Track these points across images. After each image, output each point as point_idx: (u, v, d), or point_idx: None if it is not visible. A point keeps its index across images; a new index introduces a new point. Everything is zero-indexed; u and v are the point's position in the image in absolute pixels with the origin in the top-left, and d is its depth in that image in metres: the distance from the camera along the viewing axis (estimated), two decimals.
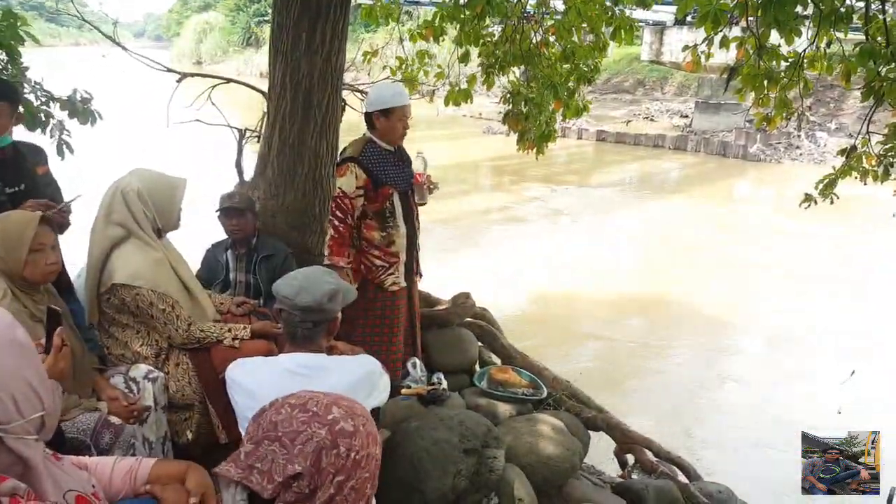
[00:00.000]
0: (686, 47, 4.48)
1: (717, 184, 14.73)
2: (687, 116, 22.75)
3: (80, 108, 3.99)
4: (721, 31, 3.65)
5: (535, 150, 4.80)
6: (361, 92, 4.48)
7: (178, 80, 3.79)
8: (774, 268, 8.65)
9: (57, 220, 2.70)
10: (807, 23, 3.44)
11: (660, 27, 20.32)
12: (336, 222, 3.07)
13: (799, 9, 2.96)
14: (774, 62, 3.61)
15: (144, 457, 2.14)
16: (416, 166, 3.22)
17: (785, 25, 3.00)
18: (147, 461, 1.61)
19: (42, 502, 1.10)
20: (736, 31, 4.04)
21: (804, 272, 8.52)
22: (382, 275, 3.20)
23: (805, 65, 3.70)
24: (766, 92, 3.81)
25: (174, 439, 2.43)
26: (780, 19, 2.89)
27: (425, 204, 3.42)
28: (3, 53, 3.70)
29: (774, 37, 3.41)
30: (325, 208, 3.63)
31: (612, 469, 3.70)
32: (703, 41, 4.07)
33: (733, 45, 3.94)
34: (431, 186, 3.32)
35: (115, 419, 2.09)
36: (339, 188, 3.05)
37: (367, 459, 1.00)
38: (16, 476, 1.08)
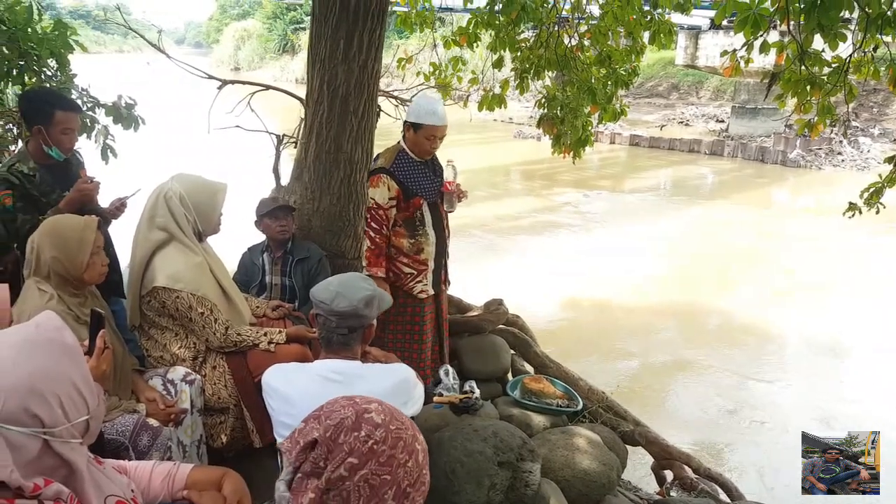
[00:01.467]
0: (725, 52, 4.39)
1: (755, 190, 14.39)
2: (723, 121, 22.36)
3: (125, 114, 4.10)
4: (761, 35, 3.57)
5: (571, 154, 4.76)
6: (396, 98, 4.50)
7: (220, 87, 3.86)
8: (817, 278, 8.40)
9: (115, 214, 2.80)
10: (851, 27, 3.34)
11: (695, 31, 19.99)
12: (372, 234, 3.08)
13: (844, 13, 2.87)
14: (817, 67, 3.51)
15: (179, 459, 2.18)
16: (447, 174, 3.24)
17: (829, 31, 2.92)
18: (185, 467, 1.63)
19: None
20: (774, 36, 3.95)
21: (849, 283, 8.25)
22: (411, 282, 3.22)
23: (850, 70, 3.59)
24: (808, 98, 3.71)
25: (209, 442, 2.46)
26: (825, 24, 2.81)
27: (453, 212, 3.45)
28: (54, 61, 3.84)
29: (817, 42, 3.32)
30: (359, 213, 3.66)
31: (649, 486, 3.62)
32: (742, 46, 3.98)
33: (773, 50, 3.84)
34: (460, 195, 3.35)
35: (153, 421, 2.12)
36: (373, 199, 3.06)
37: (389, 460, 0.98)
38: (60, 479, 1.10)
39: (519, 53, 4.64)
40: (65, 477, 1.11)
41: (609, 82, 4.60)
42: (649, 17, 4.38)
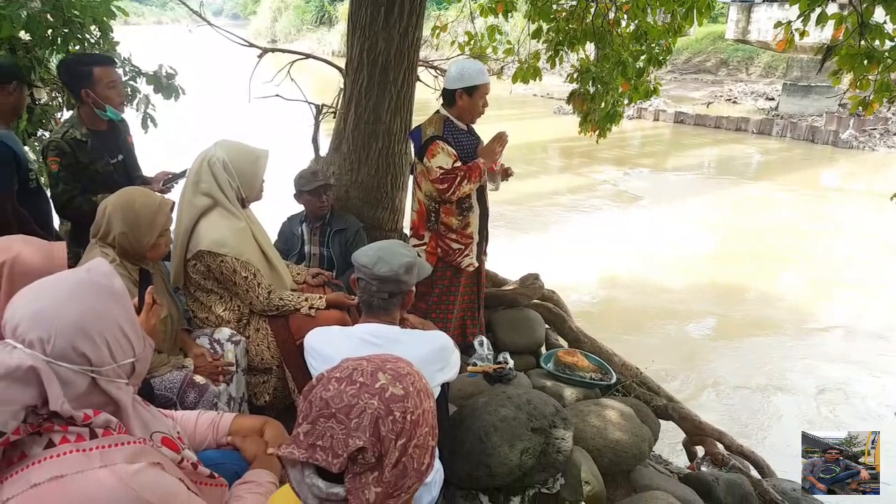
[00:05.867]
0: (779, 24, 4.23)
1: (803, 171, 13.93)
2: (773, 99, 21.62)
3: (165, 84, 4.17)
4: (818, 6, 3.42)
5: (597, 132, 4.67)
6: (436, 69, 4.47)
7: (260, 56, 3.90)
8: (863, 263, 8.14)
9: (162, 190, 2.91)
10: None
11: (747, 4, 19.25)
12: (457, 181, 3.00)
13: None
14: (878, 41, 3.35)
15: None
16: None
17: (892, 1, 2.79)
18: (228, 415, 1.71)
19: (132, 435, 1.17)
20: (833, 8, 3.78)
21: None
22: (459, 257, 3.22)
23: None
24: (865, 73, 3.56)
25: (252, 400, 2.55)
26: None
27: (496, 190, 3.41)
28: (97, 29, 3.91)
29: (878, 14, 3.18)
30: (397, 184, 3.68)
31: (680, 460, 3.62)
32: (798, 17, 3.83)
33: (830, 23, 3.69)
34: (508, 172, 3.31)
35: (199, 379, 2.19)
36: (439, 167, 3.01)
37: (423, 415, 1.00)
38: None
39: (554, 24, 4.54)
40: (111, 413, 1.17)
41: (642, 59, 4.48)
42: None
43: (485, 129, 3.28)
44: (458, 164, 3.05)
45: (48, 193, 2.99)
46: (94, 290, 1.15)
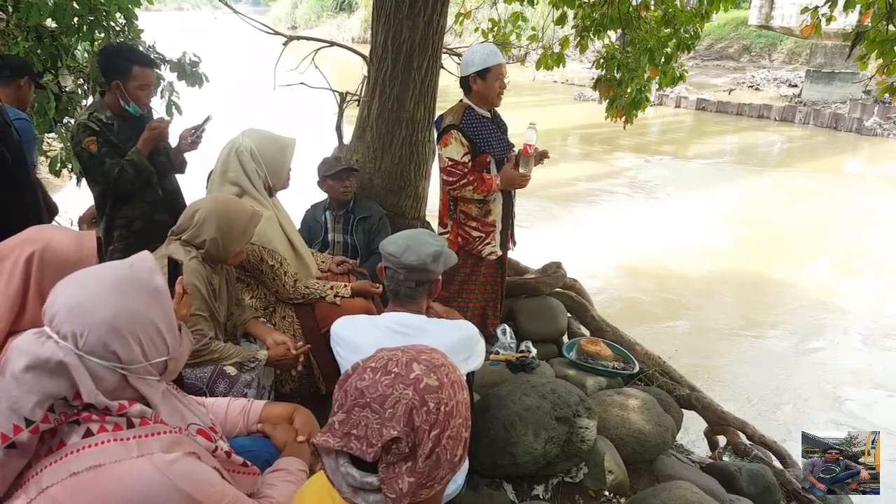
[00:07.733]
0: (805, 10, 4.15)
1: (825, 159, 13.66)
2: (796, 86, 21.20)
3: (189, 71, 4.20)
4: None
5: (623, 118, 4.63)
6: (459, 56, 4.45)
7: (285, 44, 3.91)
8: (888, 256, 7.99)
9: (192, 145, 2.95)
10: None
11: None
12: (462, 183, 3.01)
13: None
14: None
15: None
16: (528, 137, 3.14)
17: None
18: (258, 403, 1.73)
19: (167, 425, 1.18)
20: None
21: None
22: (480, 245, 3.20)
23: None
24: (893, 59, 3.49)
25: (277, 388, 2.57)
26: None
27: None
28: (122, 17, 3.95)
29: None
30: (420, 173, 3.68)
31: (701, 450, 3.61)
32: (825, 3, 3.76)
33: (857, 8, 3.62)
34: (544, 155, 3.21)
35: (230, 369, 2.19)
36: (448, 158, 3.01)
37: (457, 406, 0.99)
38: None
39: (581, 10, 4.50)
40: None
41: (670, 44, 4.42)
42: None
43: (508, 115, 3.24)
44: (469, 157, 3.02)
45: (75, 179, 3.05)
46: (133, 286, 1.14)
